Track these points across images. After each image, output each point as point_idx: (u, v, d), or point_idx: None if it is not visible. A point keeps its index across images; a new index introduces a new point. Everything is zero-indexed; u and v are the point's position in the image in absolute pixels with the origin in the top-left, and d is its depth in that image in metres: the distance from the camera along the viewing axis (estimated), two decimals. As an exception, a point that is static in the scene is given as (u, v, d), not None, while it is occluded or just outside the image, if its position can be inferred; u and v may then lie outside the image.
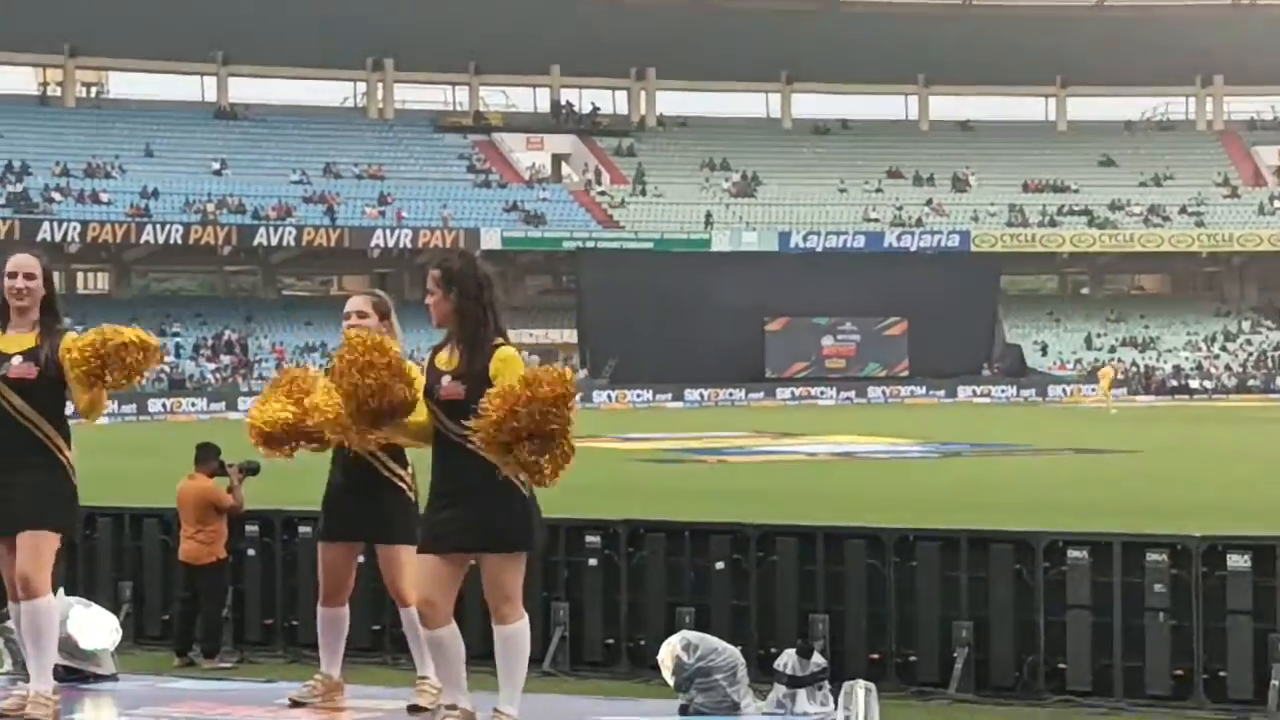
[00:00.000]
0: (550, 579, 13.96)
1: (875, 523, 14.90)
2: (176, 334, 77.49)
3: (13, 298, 8.75)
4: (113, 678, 9.52)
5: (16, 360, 8.65)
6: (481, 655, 10.58)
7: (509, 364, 7.99)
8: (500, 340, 8.08)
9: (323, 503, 9.11)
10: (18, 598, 8.57)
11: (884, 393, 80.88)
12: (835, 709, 7.65)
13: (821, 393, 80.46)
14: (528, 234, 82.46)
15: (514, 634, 7.88)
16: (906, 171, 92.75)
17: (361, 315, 9.03)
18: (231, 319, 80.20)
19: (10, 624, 9.99)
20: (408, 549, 8.69)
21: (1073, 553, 12.69)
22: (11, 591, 8.64)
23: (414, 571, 8.34)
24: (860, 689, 6.70)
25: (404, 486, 8.86)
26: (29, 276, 8.74)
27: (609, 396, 76.07)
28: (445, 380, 7.99)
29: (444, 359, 8.11)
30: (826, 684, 8.66)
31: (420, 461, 8.88)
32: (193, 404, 69.35)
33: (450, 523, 7.90)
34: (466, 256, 8.37)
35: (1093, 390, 77.52)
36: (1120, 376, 79.59)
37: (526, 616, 8.01)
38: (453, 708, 7.99)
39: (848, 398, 79.93)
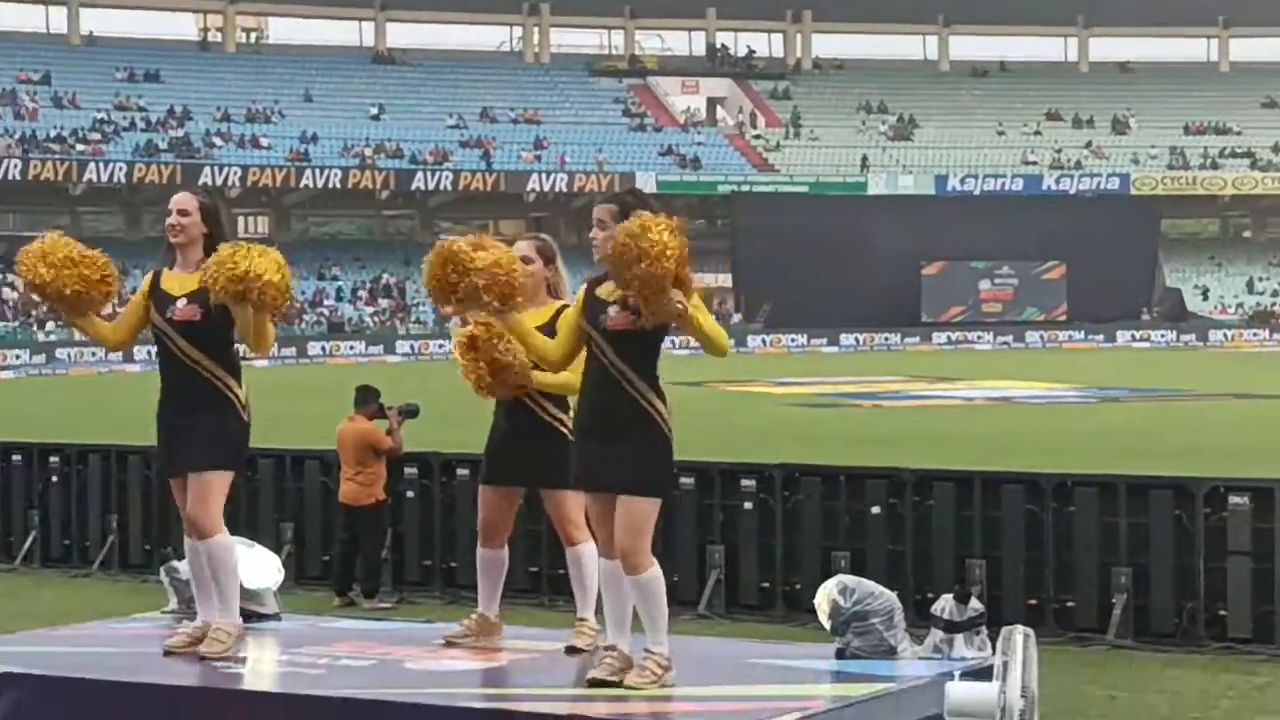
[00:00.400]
0: (705, 523, 14.00)
1: (1032, 468, 14.81)
2: (335, 277, 78.20)
3: (169, 233, 8.89)
4: (275, 617, 9.64)
5: (181, 303, 8.76)
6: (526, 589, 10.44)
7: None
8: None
9: (486, 447, 9.14)
10: (194, 537, 8.72)
11: (1041, 337, 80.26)
12: (992, 654, 7.61)
13: (978, 337, 79.93)
14: (683, 178, 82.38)
15: (650, 582, 7.85)
16: (1065, 114, 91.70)
17: (526, 260, 8.95)
18: (389, 263, 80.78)
19: (176, 564, 10.17)
20: (573, 492, 8.71)
21: (1234, 498, 12.55)
22: (188, 530, 8.78)
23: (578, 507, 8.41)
24: (1019, 634, 6.65)
25: (565, 431, 8.87)
26: (182, 213, 8.85)
27: (763, 341, 75.95)
28: (612, 309, 7.95)
29: (608, 289, 8.01)
30: (984, 629, 8.63)
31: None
32: (351, 347, 70.01)
33: (599, 460, 7.89)
34: (636, 192, 8.32)
35: (1255, 335, 76.37)
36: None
37: (656, 562, 7.98)
38: (611, 648, 7.99)
39: (1005, 342, 79.33)
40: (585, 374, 8.07)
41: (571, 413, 8.67)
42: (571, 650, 8.71)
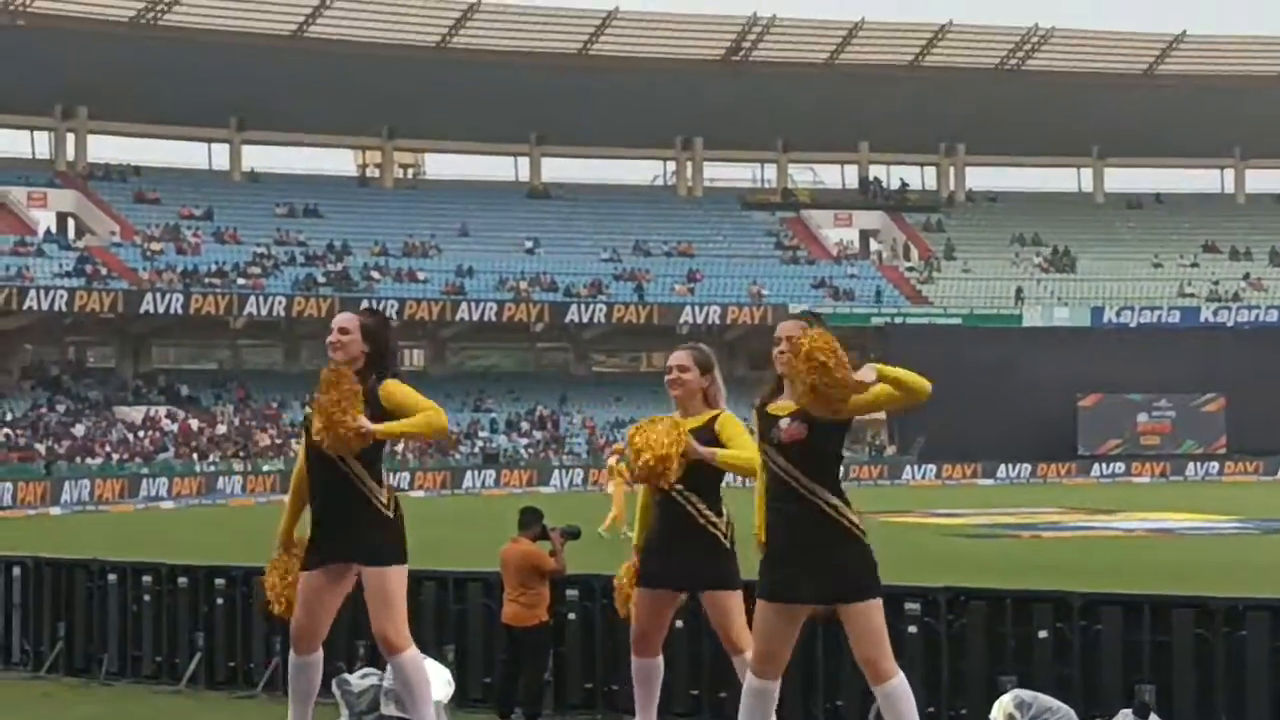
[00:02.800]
0: (870, 646, 13.91)
1: (1200, 592, 14.62)
2: (489, 409, 78.69)
3: (329, 350, 9.07)
4: (446, 730, 9.72)
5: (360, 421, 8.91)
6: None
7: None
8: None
9: (641, 549, 9.16)
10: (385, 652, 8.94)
11: (1200, 470, 79.30)
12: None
13: (1136, 470, 79.10)
14: (836, 309, 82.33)
15: (894, 690, 7.99)
16: (1223, 246, 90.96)
17: (683, 369, 9.12)
18: (543, 395, 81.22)
19: (348, 676, 10.26)
20: (733, 594, 8.74)
21: None
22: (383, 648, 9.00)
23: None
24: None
25: (719, 534, 8.91)
26: (342, 331, 9.04)
27: (918, 473, 75.58)
28: (784, 422, 8.03)
29: (779, 406, 8.13)
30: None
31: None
32: (505, 479, 70.28)
33: (799, 574, 7.98)
34: (817, 315, 8.55)
35: None
36: None
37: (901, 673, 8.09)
38: None
39: (1163, 475, 78.44)
40: (766, 492, 8.17)
41: (725, 516, 8.82)
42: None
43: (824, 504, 7.92)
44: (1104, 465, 79.48)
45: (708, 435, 8.88)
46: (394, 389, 8.93)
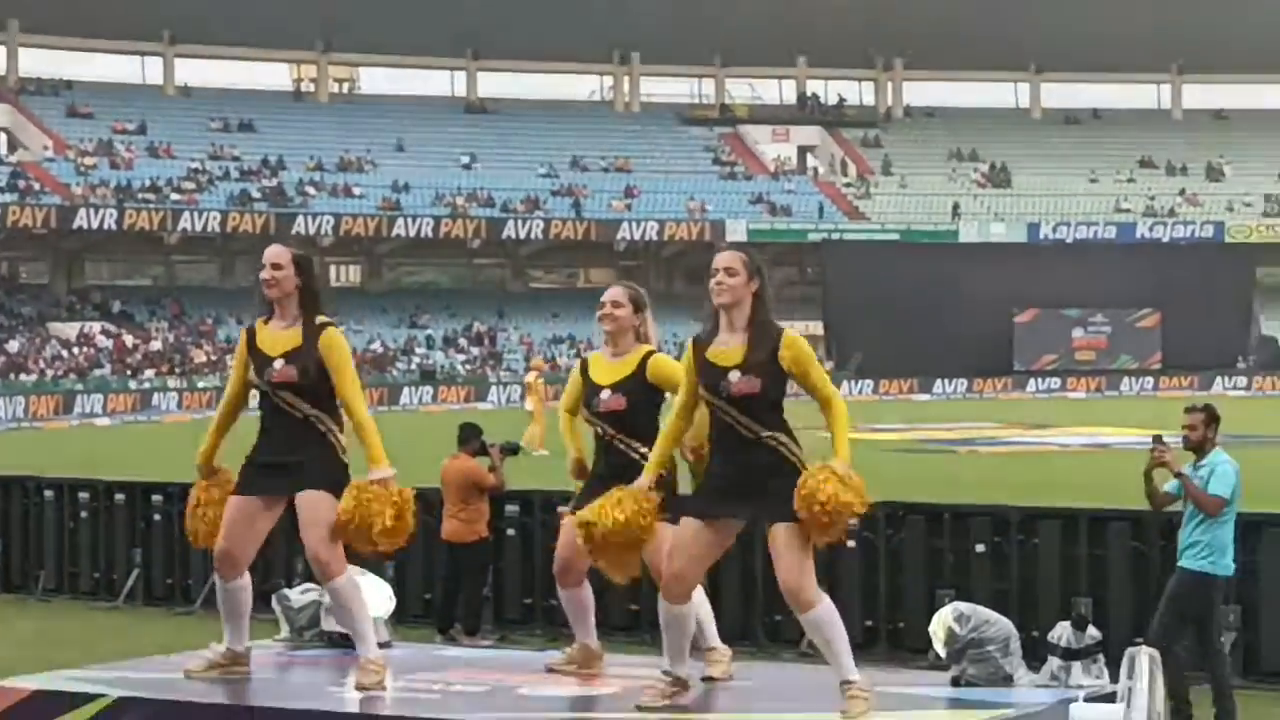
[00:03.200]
0: (809, 561, 13.95)
1: (1136, 507, 14.69)
2: (426, 326, 78.49)
3: (264, 288, 8.96)
4: (387, 645, 9.70)
5: (279, 364, 8.87)
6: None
7: (798, 345, 8.15)
8: (780, 325, 8.18)
9: (581, 489, 9.21)
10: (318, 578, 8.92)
11: (1135, 385, 79.75)
12: (1110, 682, 7.54)
13: (1072, 385, 79.48)
14: (773, 225, 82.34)
15: (816, 618, 8.00)
16: (1159, 161, 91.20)
17: (616, 304, 9.17)
18: (480, 311, 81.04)
19: (287, 592, 10.25)
20: (664, 527, 8.78)
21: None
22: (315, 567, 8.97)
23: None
24: (1144, 656, 6.58)
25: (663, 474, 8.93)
26: (275, 266, 8.92)
27: (855, 388, 75.78)
28: (734, 376, 8.00)
29: (721, 353, 8.10)
30: (1101, 657, 8.57)
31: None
32: (443, 395, 70.12)
33: (732, 495, 7.99)
34: (751, 251, 8.40)
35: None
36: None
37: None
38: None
39: (1098, 390, 78.85)
40: (712, 438, 8.13)
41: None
42: (708, 680, 8.73)
43: (773, 442, 7.96)
44: (1040, 380, 79.82)
45: (638, 373, 8.93)
46: (334, 341, 8.91)
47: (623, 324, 9.12)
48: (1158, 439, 11.13)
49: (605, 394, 9.01)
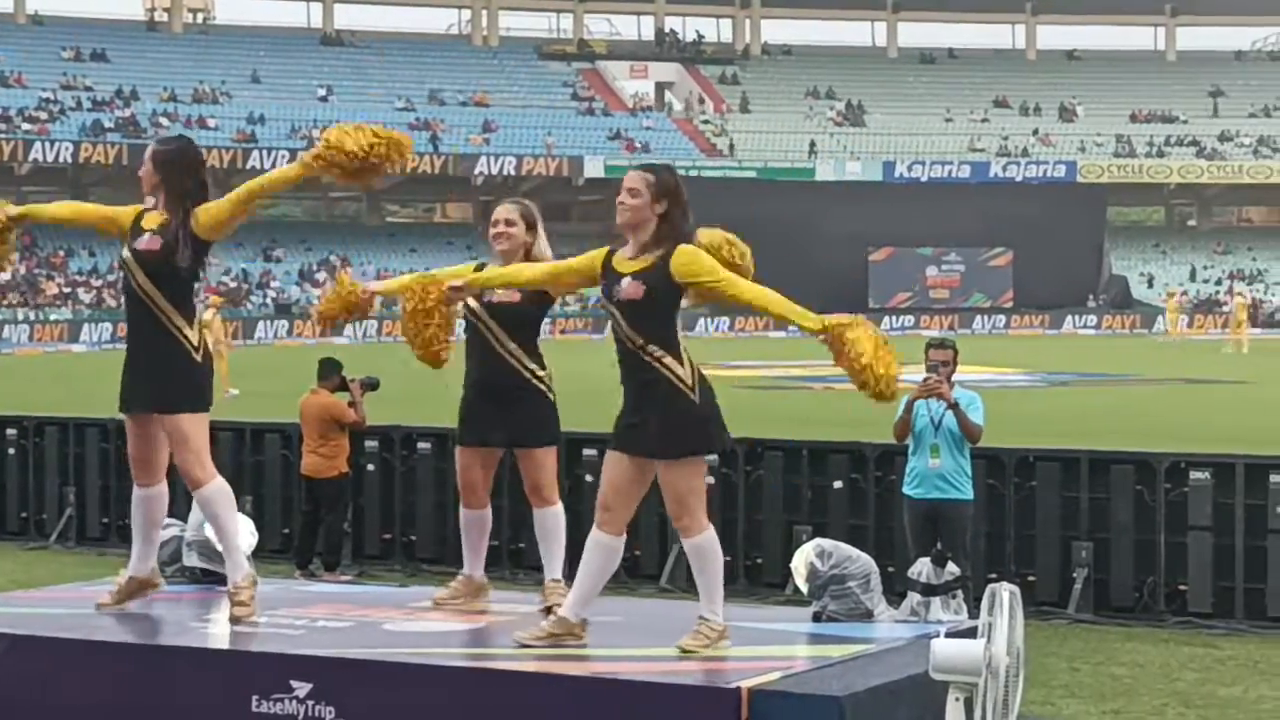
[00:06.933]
0: (669, 498, 14.02)
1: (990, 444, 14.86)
2: (281, 259, 77.92)
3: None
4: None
5: (147, 236, 8.81)
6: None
7: (689, 253, 8.14)
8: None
9: (461, 408, 9.08)
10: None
11: (988, 323, 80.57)
12: (968, 618, 7.66)
13: (925, 323, 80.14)
14: (631, 162, 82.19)
15: (698, 545, 8.06)
16: (1013, 101, 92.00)
17: (509, 223, 9.07)
18: (335, 244, 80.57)
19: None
20: (549, 451, 8.78)
21: (1195, 474, 12.68)
22: (138, 475, 8.90)
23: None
24: (1005, 591, 6.70)
25: (545, 388, 8.91)
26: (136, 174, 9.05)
27: (710, 325, 75.99)
28: (626, 281, 7.98)
29: (621, 260, 8.07)
30: (960, 593, 8.70)
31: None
32: (298, 330, 69.66)
33: (632, 428, 7.98)
34: (669, 169, 8.35)
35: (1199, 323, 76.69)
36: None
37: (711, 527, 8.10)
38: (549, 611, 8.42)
39: (951, 328, 79.53)
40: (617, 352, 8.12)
41: (548, 370, 8.79)
42: (548, 611, 8.73)
43: (656, 363, 7.92)
44: (894, 318, 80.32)
45: (535, 293, 8.88)
46: (204, 210, 8.93)
47: (516, 242, 9.02)
48: (933, 369, 11.50)
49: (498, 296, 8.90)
